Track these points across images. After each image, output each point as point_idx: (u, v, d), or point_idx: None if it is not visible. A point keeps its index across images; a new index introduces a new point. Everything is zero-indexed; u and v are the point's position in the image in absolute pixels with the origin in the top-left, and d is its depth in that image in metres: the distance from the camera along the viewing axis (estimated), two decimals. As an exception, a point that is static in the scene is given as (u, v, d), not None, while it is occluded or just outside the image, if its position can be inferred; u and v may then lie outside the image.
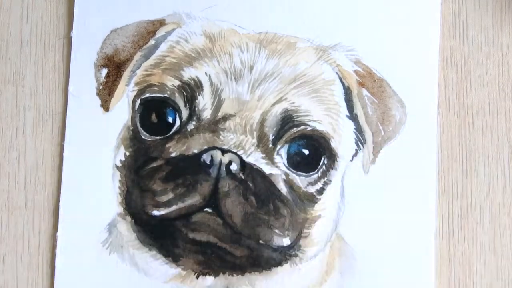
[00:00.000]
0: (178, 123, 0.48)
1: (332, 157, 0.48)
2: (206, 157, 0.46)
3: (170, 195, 0.46)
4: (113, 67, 0.50)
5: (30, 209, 0.50)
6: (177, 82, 0.48)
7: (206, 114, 0.47)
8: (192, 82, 0.47)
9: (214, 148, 0.46)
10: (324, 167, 0.48)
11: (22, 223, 0.50)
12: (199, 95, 0.47)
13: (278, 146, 0.47)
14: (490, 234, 0.49)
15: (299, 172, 0.47)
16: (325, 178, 0.48)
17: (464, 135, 0.50)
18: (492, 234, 0.49)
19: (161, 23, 0.50)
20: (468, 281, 0.48)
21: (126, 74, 0.49)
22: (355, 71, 0.49)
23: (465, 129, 0.50)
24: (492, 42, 0.50)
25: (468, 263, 0.48)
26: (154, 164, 0.47)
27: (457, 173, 0.49)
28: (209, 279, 0.48)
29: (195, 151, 0.47)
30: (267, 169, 0.47)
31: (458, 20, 0.50)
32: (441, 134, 0.49)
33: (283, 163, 0.47)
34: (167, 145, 0.47)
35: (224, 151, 0.46)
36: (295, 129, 0.47)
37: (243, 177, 0.46)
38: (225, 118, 0.47)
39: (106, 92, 0.50)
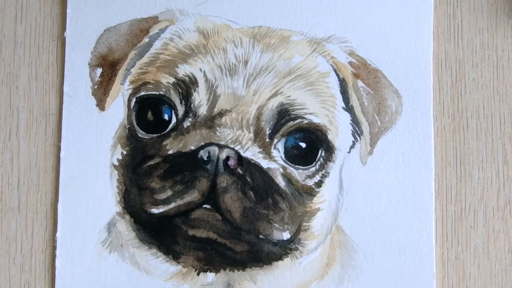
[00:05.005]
0: (174, 120, 0.48)
1: (330, 149, 0.48)
2: (203, 153, 0.46)
3: (169, 193, 0.46)
4: (107, 67, 0.50)
5: (23, 210, 0.50)
6: (172, 79, 0.48)
7: (202, 110, 0.47)
8: (187, 78, 0.47)
9: (211, 144, 0.46)
10: (321, 159, 0.48)
11: (15, 225, 0.50)
12: (194, 92, 0.47)
13: (275, 140, 0.47)
14: (484, 238, 0.48)
15: (296, 166, 0.47)
16: (323, 171, 0.48)
17: (459, 138, 0.49)
18: (486, 238, 0.48)
19: (154, 20, 0.50)
20: (461, 285, 0.48)
21: (120, 73, 0.49)
22: (350, 63, 0.49)
23: (460, 132, 0.49)
24: (487, 45, 0.50)
25: (462, 267, 0.48)
26: (151, 162, 0.47)
27: (451, 176, 0.49)
28: (210, 276, 0.48)
29: (192, 147, 0.47)
30: (264, 163, 0.47)
31: (453, 23, 0.50)
32: (436, 137, 0.49)
33: (281, 157, 0.47)
34: (164, 143, 0.47)
35: (221, 147, 0.46)
36: (291, 123, 0.47)
37: (241, 172, 0.46)
38: (221, 113, 0.47)
39: (101, 92, 0.49)
